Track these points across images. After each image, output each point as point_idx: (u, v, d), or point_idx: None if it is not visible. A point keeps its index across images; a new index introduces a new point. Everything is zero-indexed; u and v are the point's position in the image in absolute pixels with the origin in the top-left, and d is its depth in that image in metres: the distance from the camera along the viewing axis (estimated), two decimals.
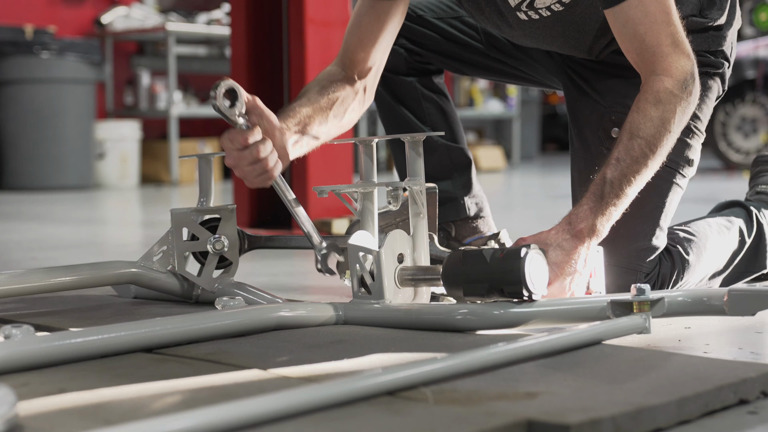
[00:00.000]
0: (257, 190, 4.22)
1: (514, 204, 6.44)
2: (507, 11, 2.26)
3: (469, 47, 2.62)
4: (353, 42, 2.33)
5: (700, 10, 2.28)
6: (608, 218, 2.01)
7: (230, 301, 1.94)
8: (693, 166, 2.30)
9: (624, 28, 2.06)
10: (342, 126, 2.31)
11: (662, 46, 2.03)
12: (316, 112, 2.21)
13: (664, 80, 2.03)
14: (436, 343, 1.77)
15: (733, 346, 1.86)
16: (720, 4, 2.30)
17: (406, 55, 2.62)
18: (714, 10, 2.30)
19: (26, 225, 4.98)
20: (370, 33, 2.31)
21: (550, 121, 15.52)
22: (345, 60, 2.34)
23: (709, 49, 2.30)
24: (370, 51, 2.32)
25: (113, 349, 1.69)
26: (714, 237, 2.37)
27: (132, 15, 8.62)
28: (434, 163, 2.61)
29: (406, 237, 2.05)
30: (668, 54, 2.03)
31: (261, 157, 1.98)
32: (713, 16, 2.29)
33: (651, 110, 2.02)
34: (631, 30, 2.05)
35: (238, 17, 4.27)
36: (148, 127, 8.76)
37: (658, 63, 2.04)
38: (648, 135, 2.01)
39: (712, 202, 2.65)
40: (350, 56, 2.33)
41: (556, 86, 2.59)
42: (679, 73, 2.03)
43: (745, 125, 9.16)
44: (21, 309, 2.21)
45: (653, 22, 2.03)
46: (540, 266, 1.84)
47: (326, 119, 2.23)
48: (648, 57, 2.05)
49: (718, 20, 2.30)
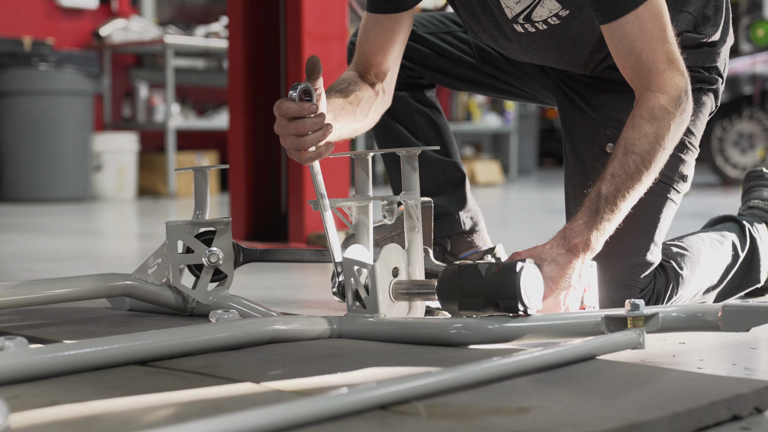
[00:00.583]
0: (253, 203, 4.23)
1: (510, 218, 6.44)
2: (504, 22, 2.27)
3: (461, 62, 2.62)
4: (363, 52, 2.36)
5: (694, 26, 2.29)
6: (602, 233, 2.02)
7: (224, 314, 1.93)
8: (687, 182, 2.31)
9: (620, 43, 2.06)
10: (367, 123, 2.34)
11: (658, 62, 2.04)
12: (348, 105, 2.23)
13: (659, 97, 2.04)
14: (430, 357, 1.77)
15: (727, 361, 1.86)
16: (714, 20, 2.31)
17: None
18: (708, 26, 2.31)
19: (23, 236, 4.98)
20: (379, 45, 2.34)
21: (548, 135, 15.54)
22: (360, 66, 2.36)
23: (703, 65, 2.31)
24: (381, 59, 2.35)
25: (107, 362, 1.69)
26: (707, 251, 2.37)
27: (130, 27, 8.63)
28: (428, 177, 2.61)
29: (401, 251, 2.05)
30: (663, 71, 2.04)
31: (309, 129, 1.97)
32: (708, 32, 2.30)
33: (646, 126, 2.02)
34: (628, 46, 2.05)
35: (236, 30, 4.28)
36: (146, 139, 8.76)
37: (653, 79, 2.05)
38: (642, 151, 2.02)
39: (709, 217, 2.66)
40: (364, 62, 2.36)
41: (550, 102, 2.60)
42: (674, 90, 2.04)
43: (742, 141, 9.17)
44: (15, 321, 2.20)
45: (649, 39, 2.04)
46: (535, 280, 1.84)
47: (354, 114, 2.25)
48: (643, 73, 2.05)
49: (713, 37, 2.31)
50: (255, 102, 4.20)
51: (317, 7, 4.05)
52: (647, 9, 2.03)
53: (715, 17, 2.31)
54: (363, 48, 2.36)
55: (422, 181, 2.21)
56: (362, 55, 2.36)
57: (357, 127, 2.29)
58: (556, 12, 2.19)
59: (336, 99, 2.21)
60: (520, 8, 2.21)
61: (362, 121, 2.30)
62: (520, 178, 12.05)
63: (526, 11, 2.21)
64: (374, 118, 2.36)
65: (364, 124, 2.33)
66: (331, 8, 4.11)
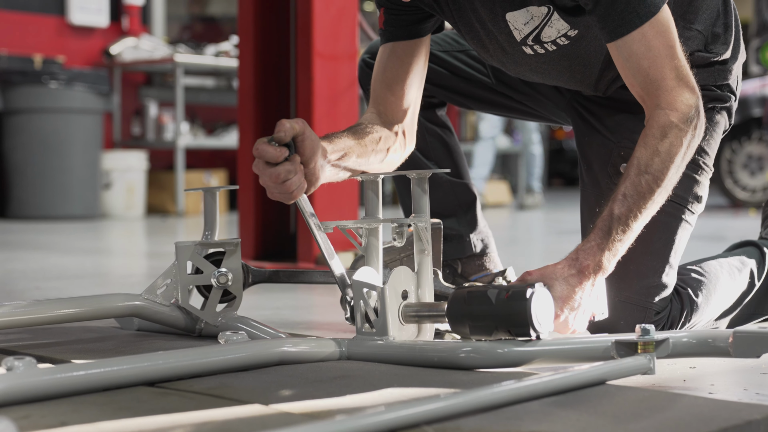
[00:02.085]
0: (262, 223, 4.22)
1: (519, 239, 6.44)
2: (511, 47, 2.26)
3: (475, 81, 2.62)
4: (380, 88, 2.34)
5: (705, 45, 2.29)
6: (614, 254, 2.01)
7: (233, 335, 1.93)
8: (701, 203, 2.30)
9: (627, 62, 2.06)
10: (387, 163, 2.33)
11: (666, 80, 2.04)
12: (358, 146, 2.22)
13: (669, 114, 2.03)
14: (440, 380, 1.76)
15: (738, 386, 1.85)
16: (725, 38, 2.31)
17: None
18: (719, 44, 2.31)
19: (31, 254, 4.98)
20: (396, 76, 2.33)
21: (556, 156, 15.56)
22: (377, 107, 2.35)
23: (715, 83, 2.31)
24: (400, 94, 2.33)
25: (115, 383, 1.69)
26: (725, 279, 2.36)
27: (141, 46, 8.66)
28: (439, 199, 2.60)
29: (411, 273, 2.04)
30: (672, 88, 2.04)
31: (282, 179, 1.98)
32: (718, 50, 2.30)
33: (657, 145, 2.02)
34: (635, 64, 2.05)
35: (246, 49, 4.29)
36: (155, 157, 8.78)
37: (662, 97, 2.04)
38: (655, 170, 2.01)
39: (718, 239, 2.65)
40: (381, 101, 2.34)
41: (564, 122, 2.59)
42: (684, 106, 2.04)
43: (751, 163, 9.16)
44: (24, 340, 2.20)
45: (657, 56, 2.03)
46: (546, 304, 1.84)
47: (366, 154, 2.24)
48: (652, 91, 2.05)
49: (723, 55, 2.31)
50: (265, 121, 4.21)
51: (327, 27, 4.06)
52: (653, 26, 2.03)
53: (725, 35, 2.31)
54: (378, 84, 2.35)
55: (433, 203, 2.21)
56: (377, 94, 2.35)
57: (371, 167, 2.27)
58: (564, 32, 2.19)
59: (345, 139, 2.20)
60: (529, 29, 2.20)
61: (377, 161, 2.28)
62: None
63: (535, 32, 2.20)
64: (394, 159, 2.35)
65: (385, 163, 2.31)
66: (341, 28, 4.11)
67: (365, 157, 2.24)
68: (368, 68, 2.63)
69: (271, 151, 1.97)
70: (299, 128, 2.00)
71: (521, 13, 2.18)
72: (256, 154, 1.98)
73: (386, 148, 2.30)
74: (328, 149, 2.12)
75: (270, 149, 1.97)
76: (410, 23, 2.31)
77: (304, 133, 2.01)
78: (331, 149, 2.13)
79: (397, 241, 2.10)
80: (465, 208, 2.70)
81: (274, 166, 1.98)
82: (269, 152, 1.97)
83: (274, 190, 2.02)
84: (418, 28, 2.32)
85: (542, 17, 2.17)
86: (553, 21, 2.17)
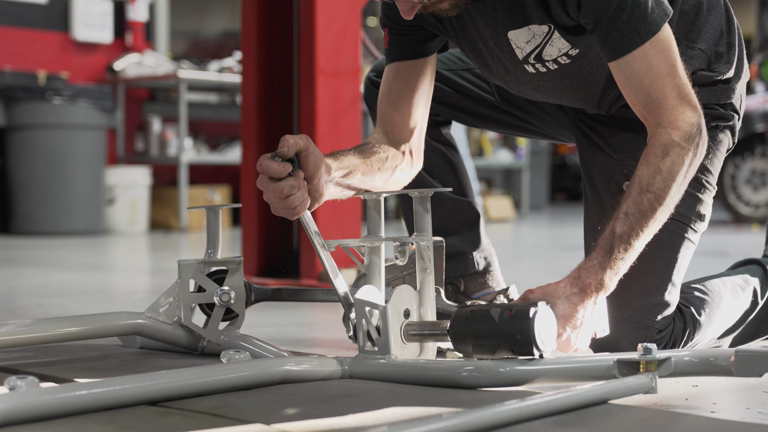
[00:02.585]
0: (264, 240, 4.23)
1: (522, 255, 6.43)
2: (514, 66, 2.27)
3: (479, 100, 2.62)
4: (386, 108, 2.35)
5: (708, 64, 2.30)
6: (616, 272, 2.02)
7: (236, 354, 1.93)
8: (705, 221, 2.30)
9: (629, 81, 2.07)
10: (393, 182, 2.33)
11: (667, 98, 2.04)
12: (364, 164, 2.23)
13: (671, 132, 2.03)
14: (442, 399, 1.76)
15: (740, 405, 1.85)
16: (728, 57, 2.32)
17: None
18: (722, 63, 2.31)
19: (34, 270, 4.98)
20: (402, 96, 2.34)
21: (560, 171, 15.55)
22: (384, 127, 2.36)
23: (718, 102, 2.31)
24: (406, 113, 2.34)
25: (118, 402, 1.69)
26: (728, 297, 2.36)
27: (144, 62, 8.68)
28: (442, 217, 2.60)
29: (413, 292, 2.05)
30: (674, 106, 2.04)
31: (286, 194, 1.99)
32: (721, 69, 2.31)
33: (659, 163, 2.03)
34: (636, 83, 2.06)
35: (249, 66, 4.29)
36: (158, 173, 8.79)
37: (664, 115, 2.05)
38: (657, 189, 2.02)
39: (721, 255, 2.65)
40: (388, 122, 2.35)
41: (569, 140, 2.60)
42: (686, 125, 2.04)
43: (754, 178, 9.16)
44: (27, 358, 2.21)
45: (658, 75, 2.04)
46: (549, 323, 1.84)
47: (372, 172, 2.24)
48: (654, 109, 2.06)
49: (727, 74, 2.32)
50: (268, 137, 4.22)
51: (330, 44, 4.07)
52: (654, 45, 2.04)
53: (728, 54, 2.32)
54: (384, 104, 2.36)
55: (437, 221, 2.21)
56: (384, 114, 2.36)
57: (376, 185, 2.28)
58: (565, 51, 2.19)
59: (351, 157, 2.20)
60: (530, 48, 2.21)
61: (383, 179, 2.29)
62: (531, 213, 12.04)
63: (537, 50, 2.21)
64: (401, 178, 2.35)
65: (391, 182, 2.32)
66: (344, 45, 4.12)
67: (370, 176, 2.25)
68: (374, 86, 2.64)
69: (275, 166, 1.98)
70: (303, 144, 2.01)
71: (523, 32, 2.19)
72: (260, 169, 1.99)
73: (393, 167, 2.31)
74: (333, 166, 2.13)
75: (273, 164, 1.98)
76: (414, 43, 2.32)
77: (307, 148, 2.02)
78: (336, 166, 2.13)
79: (399, 260, 2.10)
80: (469, 225, 2.71)
81: (277, 181, 1.99)
82: (272, 167, 1.98)
83: (278, 206, 2.02)
84: (422, 47, 2.33)
85: (543, 36, 2.18)
86: (554, 40, 2.18)
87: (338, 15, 4.09)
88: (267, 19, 4.27)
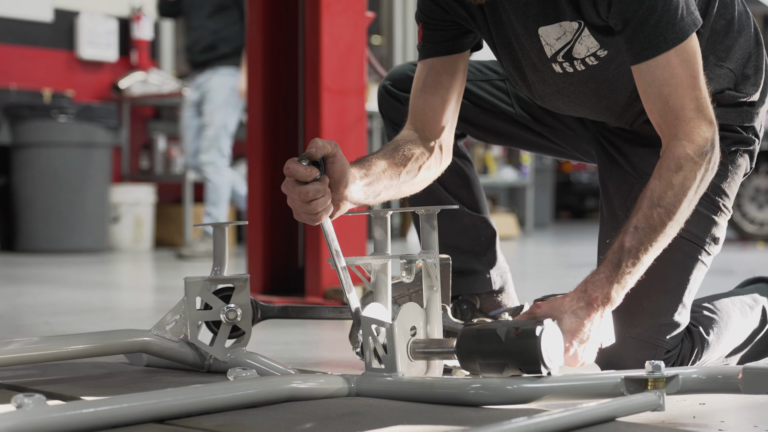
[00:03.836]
0: (270, 257, 4.23)
1: (527, 273, 6.42)
2: (542, 64, 2.25)
3: (497, 113, 2.59)
4: (419, 103, 2.34)
5: (735, 84, 2.28)
6: (623, 286, 2.01)
7: (242, 371, 1.93)
8: (718, 244, 2.29)
9: (649, 87, 2.06)
10: (415, 183, 2.31)
11: (686, 110, 2.03)
12: (390, 167, 2.21)
13: (686, 146, 2.02)
14: (449, 417, 1.76)
15: (748, 423, 1.84)
16: (755, 80, 2.30)
17: None
18: (749, 85, 2.29)
19: (40, 288, 4.99)
20: (435, 92, 2.32)
21: (564, 189, 15.55)
22: (416, 123, 2.34)
23: (742, 123, 2.29)
24: (438, 109, 2.32)
25: (124, 420, 1.69)
26: (736, 317, 2.35)
27: (149, 80, 8.70)
28: (459, 234, 2.59)
29: (420, 310, 2.04)
30: (691, 119, 2.03)
31: (311, 198, 1.99)
32: (748, 91, 2.29)
33: (672, 177, 2.02)
34: (656, 90, 2.05)
35: (254, 84, 4.30)
36: (163, 191, 8.80)
37: (680, 127, 2.04)
38: (668, 203, 2.01)
39: (727, 273, 2.65)
40: (420, 118, 2.33)
41: (586, 156, 2.56)
42: (701, 139, 2.03)
43: (759, 196, 9.16)
44: (33, 376, 2.21)
45: (679, 85, 2.03)
46: (555, 340, 1.84)
47: (398, 176, 2.23)
48: (671, 120, 2.05)
49: (752, 96, 2.30)
50: (273, 155, 4.22)
51: (336, 62, 4.07)
52: (679, 54, 2.02)
53: (755, 77, 2.30)
54: (417, 99, 2.34)
55: (453, 238, 2.21)
56: (416, 110, 2.34)
57: (403, 189, 2.27)
58: (594, 51, 2.17)
59: (379, 161, 2.19)
60: (560, 45, 2.19)
61: (408, 182, 2.27)
62: (536, 231, 12.03)
63: (566, 48, 2.19)
64: (426, 176, 2.33)
65: (412, 184, 2.29)
66: (349, 63, 4.13)
67: (396, 179, 2.23)
68: (388, 95, 2.63)
69: (301, 169, 1.98)
70: (331, 149, 2.01)
71: (554, 28, 2.17)
72: (287, 172, 1.99)
73: (418, 167, 2.28)
74: (358, 175, 2.11)
75: (300, 167, 1.98)
76: (448, 39, 2.32)
77: (335, 155, 2.02)
78: (360, 175, 2.12)
79: (406, 277, 2.10)
80: (486, 244, 2.69)
81: (303, 185, 1.99)
82: (299, 170, 1.98)
83: (300, 210, 2.02)
84: (455, 43, 2.32)
85: (573, 33, 2.16)
86: (584, 37, 2.16)
87: (344, 33, 4.10)
88: (272, 38, 4.28)
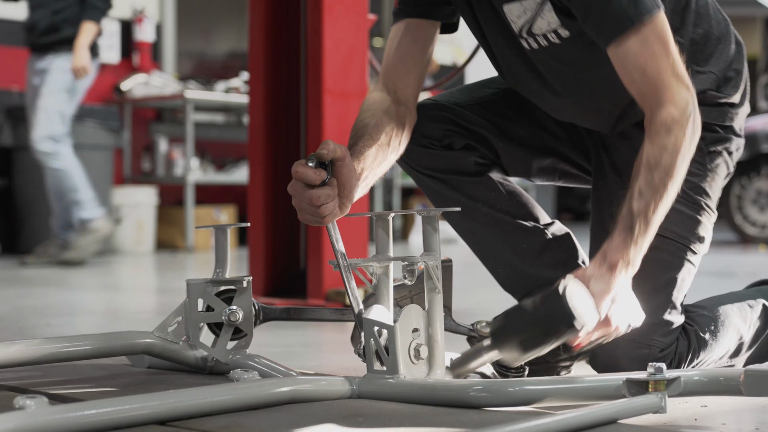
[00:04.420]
0: (272, 259, 4.23)
1: None
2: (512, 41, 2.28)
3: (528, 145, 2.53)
4: (393, 63, 2.36)
5: (717, 86, 2.32)
6: (639, 249, 2.04)
7: (244, 373, 1.93)
8: (704, 243, 2.30)
9: (625, 61, 2.09)
10: (398, 155, 2.33)
11: (664, 76, 2.07)
12: (379, 152, 2.23)
13: (670, 109, 2.06)
14: (451, 419, 1.76)
15: (750, 425, 1.85)
16: (735, 82, 2.34)
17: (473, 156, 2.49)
18: (730, 87, 2.34)
19: (41, 290, 4.99)
20: (409, 53, 2.35)
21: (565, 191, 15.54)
22: (388, 84, 2.35)
23: (722, 123, 2.33)
24: (411, 70, 2.35)
25: (126, 422, 1.69)
26: (735, 317, 2.35)
27: (151, 82, 8.70)
28: (556, 262, 2.46)
29: (421, 312, 2.04)
30: (670, 85, 2.07)
31: (321, 203, 2.01)
32: (729, 92, 2.33)
33: (663, 140, 2.05)
34: (632, 62, 2.08)
35: (256, 86, 4.31)
36: (165, 193, 8.80)
37: (661, 93, 2.07)
38: (665, 165, 2.05)
39: (728, 275, 2.65)
40: (393, 77, 2.35)
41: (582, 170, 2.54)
42: (683, 101, 2.07)
43: (760, 198, 9.15)
44: (35, 378, 2.21)
45: (653, 54, 2.07)
46: (583, 296, 1.91)
47: (385, 158, 2.26)
48: (651, 88, 2.08)
49: (733, 97, 2.34)
50: (275, 157, 4.22)
51: (338, 64, 4.08)
52: (647, 27, 2.06)
53: (736, 79, 2.35)
54: (392, 57, 2.36)
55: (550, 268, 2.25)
56: (389, 70, 2.36)
57: (384, 167, 2.29)
58: (554, 28, 2.20)
59: (369, 150, 2.20)
60: (522, 21, 2.23)
61: (389, 158, 2.29)
62: None
63: (528, 24, 2.23)
64: (400, 148, 2.33)
65: (389, 161, 2.30)
66: (351, 66, 4.13)
67: (384, 163, 2.25)
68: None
69: (311, 173, 1.99)
70: (341, 154, 2.03)
71: (516, 6, 2.22)
72: (296, 176, 2.00)
73: (399, 142, 2.30)
74: (357, 167, 2.14)
75: (309, 171, 1.99)
76: (425, 3, 2.34)
77: (344, 159, 2.04)
78: (359, 170, 2.15)
79: (407, 280, 2.10)
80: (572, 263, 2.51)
81: (312, 188, 2.00)
82: (309, 174, 1.99)
83: (307, 213, 2.03)
84: (432, 9, 2.34)
85: (534, 9, 2.20)
86: (545, 12, 2.20)
87: (345, 36, 4.10)
88: (274, 40, 4.28)
